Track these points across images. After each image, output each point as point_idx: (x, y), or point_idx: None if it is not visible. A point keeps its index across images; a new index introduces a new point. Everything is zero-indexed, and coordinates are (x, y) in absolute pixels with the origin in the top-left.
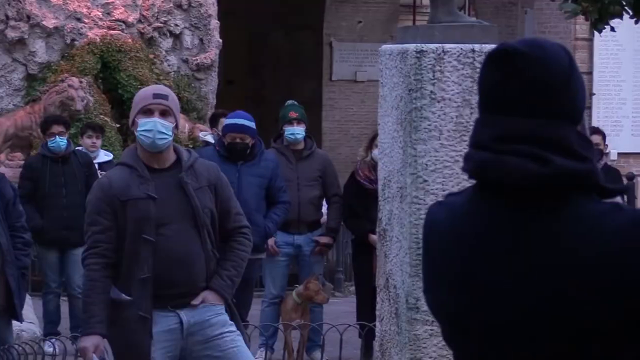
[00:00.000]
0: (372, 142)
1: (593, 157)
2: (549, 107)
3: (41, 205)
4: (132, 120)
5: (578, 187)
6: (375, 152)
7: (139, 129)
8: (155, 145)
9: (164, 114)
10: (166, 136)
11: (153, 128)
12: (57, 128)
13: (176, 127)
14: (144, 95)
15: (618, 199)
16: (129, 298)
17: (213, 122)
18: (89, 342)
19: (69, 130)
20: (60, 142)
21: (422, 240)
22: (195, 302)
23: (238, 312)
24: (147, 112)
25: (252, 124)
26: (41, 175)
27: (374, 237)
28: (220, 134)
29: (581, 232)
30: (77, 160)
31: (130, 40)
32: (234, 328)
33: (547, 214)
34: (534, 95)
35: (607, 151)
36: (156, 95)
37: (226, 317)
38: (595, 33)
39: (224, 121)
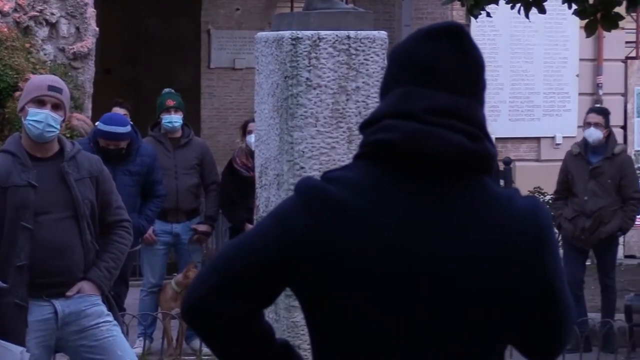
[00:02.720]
0: (245, 128)
1: None
2: (477, 90)
3: None
4: (22, 106)
5: (488, 169)
6: (249, 138)
7: (28, 117)
8: (42, 137)
9: (56, 107)
10: (55, 129)
11: (44, 120)
12: None
13: (63, 120)
14: (38, 84)
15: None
16: (5, 285)
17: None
18: None
19: None
20: None
21: (320, 223)
22: (70, 292)
23: (115, 303)
24: (39, 102)
25: (126, 129)
26: None
27: (250, 226)
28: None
29: (492, 213)
30: None
31: (5, 29)
32: (110, 318)
33: (462, 192)
34: (471, 75)
35: None
36: (51, 88)
37: (103, 307)
38: (472, 19)
39: (97, 124)
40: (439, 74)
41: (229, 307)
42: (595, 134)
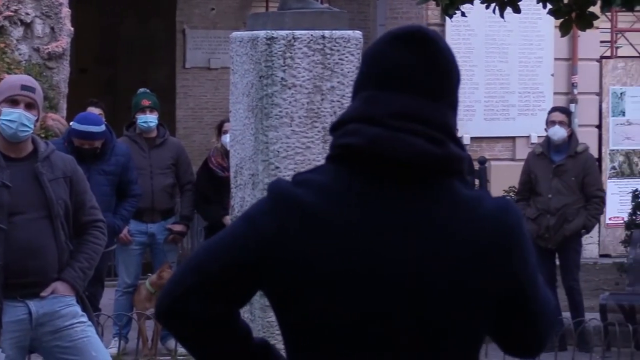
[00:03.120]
0: (220, 128)
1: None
2: (445, 94)
3: None
4: None
5: (455, 172)
6: (225, 138)
7: (2, 117)
8: (16, 137)
9: (30, 106)
10: (28, 129)
11: (17, 120)
12: None
13: (37, 120)
14: (11, 84)
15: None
16: None
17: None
18: None
19: None
20: None
21: (288, 225)
22: (44, 293)
23: (90, 303)
24: (13, 102)
25: (101, 128)
26: None
27: (227, 222)
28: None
29: (458, 215)
30: None
31: None
32: (85, 319)
33: (428, 195)
34: (436, 79)
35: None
36: (24, 87)
37: (77, 308)
38: (447, 18)
39: (71, 123)
40: (403, 78)
41: (202, 308)
42: (559, 132)
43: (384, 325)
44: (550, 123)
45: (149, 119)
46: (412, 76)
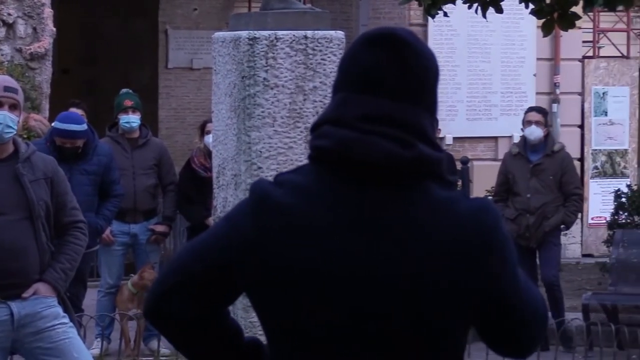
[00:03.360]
0: (203, 128)
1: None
2: (418, 96)
3: None
4: None
5: (430, 173)
6: (207, 138)
7: None
8: (1, 138)
9: (13, 107)
10: (13, 130)
11: (2, 121)
12: None
13: (19, 121)
14: None
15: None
16: None
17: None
18: None
19: None
20: None
21: (267, 226)
22: (26, 294)
23: (71, 304)
24: None
25: (82, 127)
26: None
27: (210, 223)
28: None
29: (434, 217)
30: None
31: None
32: (66, 320)
33: (403, 197)
34: (410, 83)
35: (442, 135)
36: (7, 89)
37: (59, 309)
38: (430, 19)
39: (54, 123)
40: (374, 80)
41: (184, 308)
42: (536, 132)
43: (360, 324)
44: (526, 123)
45: (132, 120)
46: (382, 78)
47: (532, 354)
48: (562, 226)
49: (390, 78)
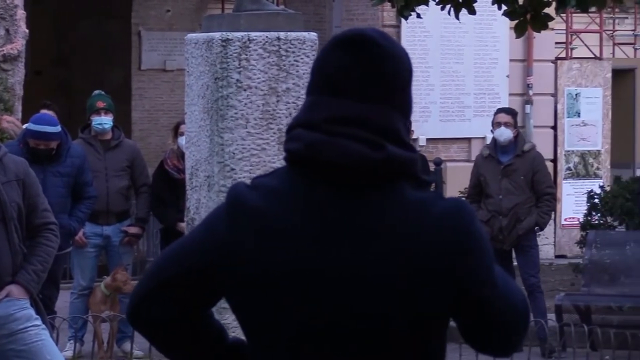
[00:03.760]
0: (176, 130)
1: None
2: (389, 97)
3: None
4: None
5: (403, 174)
6: (181, 140)
7: None
8: None
9: None
10: None
11: None
12: None
13: None
14: None
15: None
16: None
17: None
18: None
19: None
20: None
21: (241, 230)
22: None
23: (44, 306)
24: None
25: (56, 129)
26: None
27: (183, 225)
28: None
29: (407, 218)
30: None
31: None
32: (39, 322)
33: (376, 198)
34: (379, 84)
35: (415, 137)
36: None
37: (31, 311)
38: (403, 20)
39: (27, 125)
40: (343, 83)
41: (165, 313)
42: (506, 133)
43: (333, 326)
44: (495, 124)
45: (104, 121)
46: (351, 80)
47: (517, 351)
48: (536, 228)
49: (358, 79)
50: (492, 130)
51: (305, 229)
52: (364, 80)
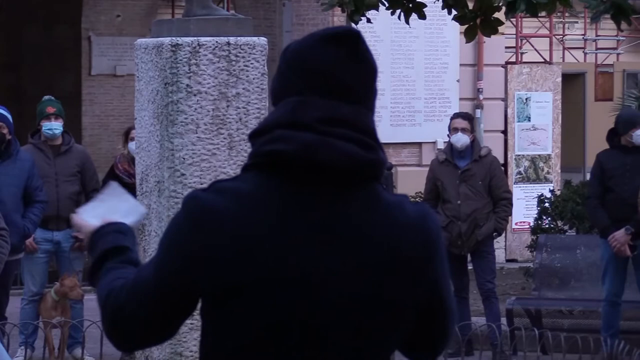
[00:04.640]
0: (127, 135)
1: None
2: (370, 95)
3: None
4: None
5: (377, 176)
6: (131, 145)
7: None
8: None
9: None
10: None
11: None
12: None
13: None
14: None
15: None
16: None
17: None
18: None
19: None
20: None
21: (209, 237)
22: None
23: None
24: None
25: (9, 116)
26: None
27: None
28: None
29: (381, 221)
30: None
31: None
32: None
33: (358, 200)
34: (366, 83)
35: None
36: None
37: None
38: (353, 24)
39: None
40: (334, 81)
41: (148, 334)
42: (463, 139)
43: (307, 331)
44: (452, 130)
45: (54, 126)
46: (344, 79)
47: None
48: (494, 234)
49: (349, 79)
50: (448, 135)
51: (288, 232)
52: (356, 80)
